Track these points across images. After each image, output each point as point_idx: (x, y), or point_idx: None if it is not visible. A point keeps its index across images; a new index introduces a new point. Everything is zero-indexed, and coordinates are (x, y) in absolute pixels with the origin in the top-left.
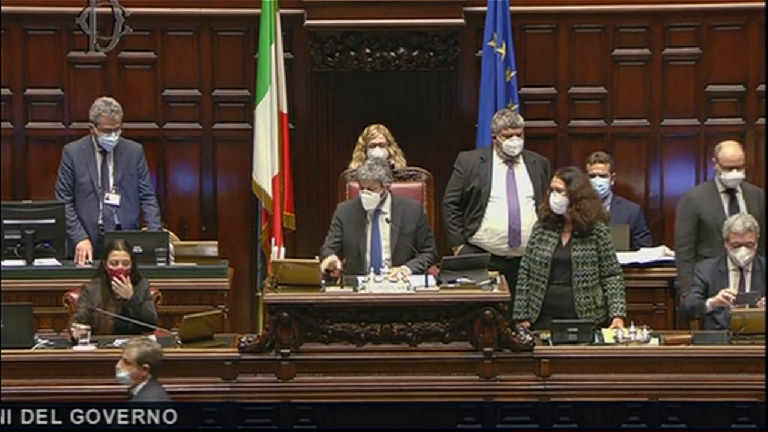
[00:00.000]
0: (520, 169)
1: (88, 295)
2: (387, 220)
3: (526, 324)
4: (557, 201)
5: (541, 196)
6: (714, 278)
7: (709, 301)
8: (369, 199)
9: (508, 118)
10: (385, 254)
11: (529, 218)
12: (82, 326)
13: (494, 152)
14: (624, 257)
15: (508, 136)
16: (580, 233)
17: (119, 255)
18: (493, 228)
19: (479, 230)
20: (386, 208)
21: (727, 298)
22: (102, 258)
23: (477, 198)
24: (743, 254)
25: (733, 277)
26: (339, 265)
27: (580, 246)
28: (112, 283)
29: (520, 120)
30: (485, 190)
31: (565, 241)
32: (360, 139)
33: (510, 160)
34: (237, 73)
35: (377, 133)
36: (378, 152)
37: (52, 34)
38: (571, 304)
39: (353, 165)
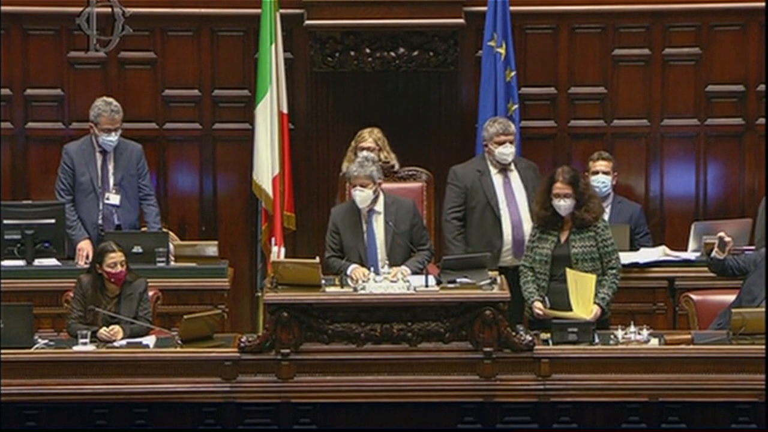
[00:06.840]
0: (515, 177)
1: (82, 290)
2: (388, 222)
3: (541, 306)
4: (565, 205)
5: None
6: (756, 266)
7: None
8: (362, 196)
9: (500, 125)
10: (381, 253)
11: (529, 227)
12: (112, 328)
13: (488, 162)
14: (624, 257)
15: (501, 143)
16: (578, 229)
17: (116, 256)
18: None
19: None
20: (379, 207)
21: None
22: (96, 262)
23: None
24: None
25: None
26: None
27: (579, 243)
28: (100, 335)
29: (512, 127)
30: (494, 203)
31: (563, 239)
32: (353, 142)
33: (504, 169)
34: (237, 73)
35: (368, 137)
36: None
37: (52, 34)
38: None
39: (344, 166)
